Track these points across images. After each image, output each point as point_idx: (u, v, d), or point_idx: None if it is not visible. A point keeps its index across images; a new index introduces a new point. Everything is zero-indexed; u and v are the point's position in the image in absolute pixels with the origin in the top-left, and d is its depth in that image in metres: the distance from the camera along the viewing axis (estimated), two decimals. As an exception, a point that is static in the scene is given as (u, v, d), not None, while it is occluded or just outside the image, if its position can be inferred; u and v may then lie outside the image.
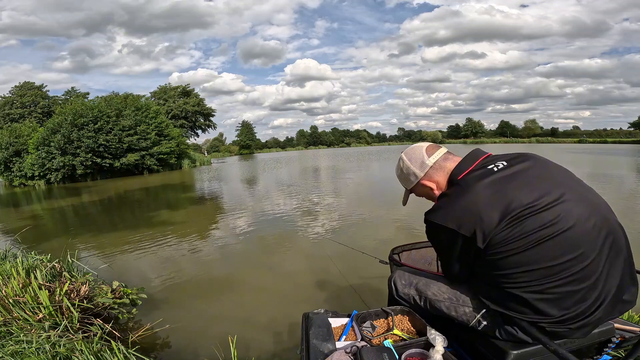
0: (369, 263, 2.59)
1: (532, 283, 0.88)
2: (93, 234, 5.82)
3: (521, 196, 0.88)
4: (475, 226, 0.90)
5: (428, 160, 1.09)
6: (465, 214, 0.92)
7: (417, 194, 1.18)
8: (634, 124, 57.62)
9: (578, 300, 0.88)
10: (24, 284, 2.25)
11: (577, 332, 0.92)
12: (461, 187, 0.97)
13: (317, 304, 2.15)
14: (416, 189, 1.16)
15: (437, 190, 1.08)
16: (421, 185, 1.11)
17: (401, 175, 1.17)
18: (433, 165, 1.08)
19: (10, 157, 20.10)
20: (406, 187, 1.18)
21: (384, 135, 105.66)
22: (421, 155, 1.11)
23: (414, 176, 1.12)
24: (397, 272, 1.28)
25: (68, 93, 40.04)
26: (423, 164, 1.09)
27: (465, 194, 0.95)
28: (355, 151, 47.64)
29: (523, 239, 0.86)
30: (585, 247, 0.86)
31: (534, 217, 0.85)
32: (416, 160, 1.11)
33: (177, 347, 2.24)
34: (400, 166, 1.17)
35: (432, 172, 1.08)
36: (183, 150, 26.44)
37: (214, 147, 69.92)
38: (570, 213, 0.86)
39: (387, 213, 5.93)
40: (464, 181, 0.98)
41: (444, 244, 1.01)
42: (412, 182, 1.13)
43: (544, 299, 0.89)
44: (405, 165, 1.14)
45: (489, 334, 1.01)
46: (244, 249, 4.39)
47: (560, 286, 0.87)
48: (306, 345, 1.08)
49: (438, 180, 1.08)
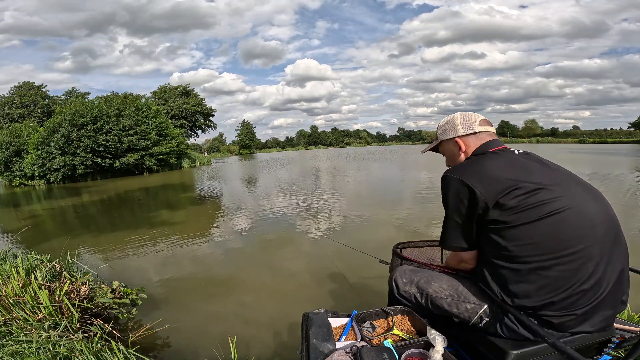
0: (369, 263, 2.59)
1: (536, 258, 0.92)
2: (93, 234, 5.82)
3: (535, 175, 0.97)
4: (490, 185, 0.96)
5: (476, 127, 1.17)
6: (482, 175, 0.99)
7: (443, 149, 1.27)
8: (634, 124, 57.66)
9: (580, 281, 0.90)
10: (24, 284, 2.25)
11: (582, 321, 0.92)
12: (486, 156, 1.09)
13: (317, 304, 2.15)
14: (446, 144, 1.24)
15: (463, 153, 1.18)
16: (453, 143, 1.20)
17: (444, 126, 1.24)
18: (476, 132, 1.17)
19: (10, 157, 20.09)
20: (440, 137, 1.25)
21: (384, 135, 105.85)
22: (473, 121, 1.19)
23: (454, 131, 1.19)
24: (398, 270, 1.29)
25: (68, 93, 40.02)
26: (470, 127, 1.18)
27: (488, 160, 1.05)
28: (355, 151, 47.64)
29: (533, 209, 0.91)
30: (590, 231, 0.91)
31: (545, 192, 0.93)
32: (466, 122, 1.19)
33: (177, 347, 2.24)
34: (449, 119, 1.24)
35: (471, 138, 1.17)
36: (183, 150, 26.43)
37: (214, 147, 69.94)
38: (579, 200, 0.94)
39: (387, 213, 5.93)
40: (490, 153, 1.10)
41: (454, 202, 1.03)
42: (448, 135, 1.21)
43: (547, 276, 0.91)
44: (454, 120, 1.21)
45: (490, 332, 1.02)
46: (244, 249, 4.39)
47: (562, 264, 0.90)
48: (306, 345, 1.08)
49: (470, 145, 1.17)
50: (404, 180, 11.54)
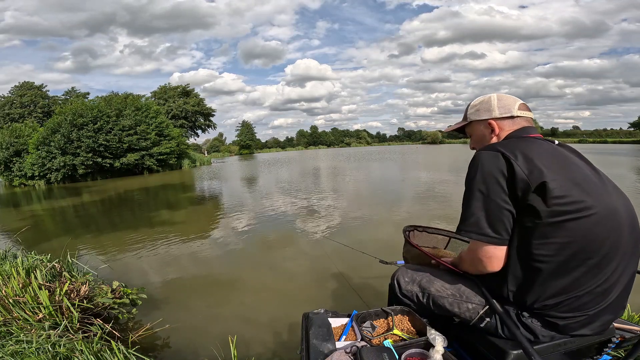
0: (369, 263, 2.59)
1: (561, 258, 0.87)
2: (93, 234, 5.82)
3: (576, 171, 0.91)
4: (534, 165, 0.86)
5: (515, 111, 1.07)
6: (525, 154, 0.89)
7: (471, 130, 1.18)
8: (634, 124, 57.70)
9: (596, 284, 0.88)
10: (24, 284, 2.25)
11: (585, 325, 0.92)
12: (525, 139, 0.99)
13: (317, 304, 2.15)
14: (476, 125, 1.14)
15: (495, 137, 1.09)
16: (485, 124, 1.11)
17: (477, 106, 1.14)
18: (514, 117, 1.07)
19: (11, 157, 20.09)
20: (471, 117, 1.15)
21: (384, 135, 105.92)
22: (512, 103, 1.09)
23: (488, 112, 1.10)
24: (400, 270, 1.28)
25: (68, 93, 40.03)
26: (507, 110, 1.08)
27: (529, 143, 0.95)
28: (355, 151, 47.63)
29: (570, 206, 0.84)
30: (617, 236, 0.88)
31: (586, 190, 0.87)
32: (504, 104, 1.09)
33: (177, 347, 2.24)
34: (483, 99, 1.13)
35: (507, 121, 1.08)
36: (183, 150, 26.42)
37: (214, 147, 69.92)
38: (613, 203, 0.89)
39: (387, 213, 5.92)
40: (530, 138, 1.00)
41: (489, 178, 0.90)
42: (481, 116, 1.12)
43: (567, 278, 0.88)
44: (489, 100, 1.11)
45: (491, 332, 1.01)
46: (244, 249, 4.39)
47: (585, 267, 0.87)
48: (306, 345, 1.08)
49: (504, 129, 1.08)
50: (404, 179, 11.55)
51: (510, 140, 1.02)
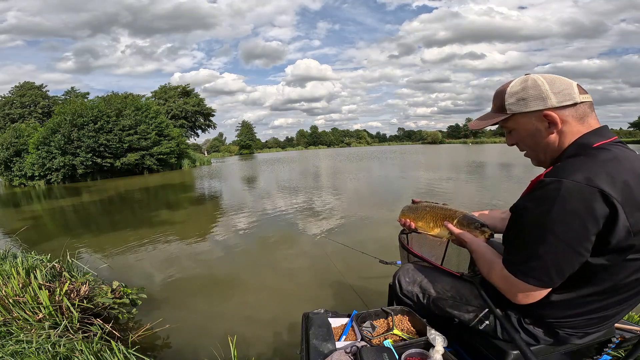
0: (369, 263, 2.59)
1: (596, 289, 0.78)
2: (93, 234, 5.81)
3: None
4: (637, 208, 0.67)
5: (577, 96, 0.80)
6: (629, 194, 0.67)
7: (515, 125, 0.88)
8: (634, 124, 57.68)
9: (614, 311, 0.85)
10: (24, 284, 2.25)
11: (584, 336, 0.91)
12: (609, 153, 0.74)
13: (317, 304, 2.15)
14: (524, 120, 0.85)
15: (557, 134, 0.81)
16: (539, 117, 0.82)
17: (520, 92, 0.84)
18: (577, 105, 0.80)
19: (11, 157, 20.09)
20: (513, 109, 0.85)
21: (384, 135, 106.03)
22: (569, 86, 0.81)
23: (541, 101, 0.81)
24: (402, 270, 1.27)
25: (68, 93, 40.04)
26: (568, 95, 0.80)
27: (619, 163, 0.71)
28: (355, 151, 47.61)
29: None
30: None
31: None
32: (559, 88, 0.80)
33: (177, 346, 2.23)
34: (526, 83, 0.83)
35: (568, 110, 0.80)
36: (183, 150, 26.43)
37: (214, 147, 69.97)
38: None
39: (387, 213, 5.92)
40: (615, 149, 0.76)
41: (572, 219, 0.69)
42: (531, 106, 0.82)
43: (592, 305, 0.82)
44: (537, 85, 0.81)
45: (490, 334, 1.01)
46: (244, 249, 4.39)
47: (615, 298, 0.81)
48: (306, 345, 1.08)
49: (569, 122, 0.80)
50: (405, 177, 11.56)
51: (597, 158, 0.74)
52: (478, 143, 67.31)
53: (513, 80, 0.87)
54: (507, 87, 0.87)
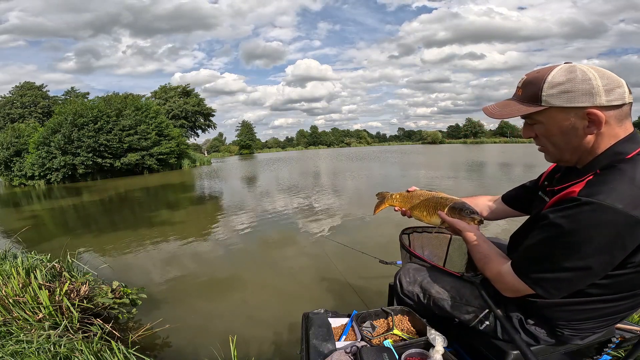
0: (369, 263, 2.59)
1: (606, 296, 0.78)
2: (93, 234, 5.82)
3: None
4: None
5: (627, 96, 0.71)
6: None
7: (546, 119, 0.77)
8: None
9: (620, 315, 0.85)
10: (24, 284, 2.25)
11: (584, 338, 0.92)
12: None
13: (317, 304, 2.14)
14: (560, 114, 0.74)
15: (594, 135, 0.73)
16: (581, 115, 0.72)
17: (563, 83, 0.72)
18: (624, 104, 0.71)
19: (11, 157, 20.10)
20: (553, 102, 0.73)
21: (384, 135, 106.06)
22: (621, 85, 0.71)
23: (589, 97, 0.70)
24: (403, 269, 1.27)
25: (68, 93, 40.05)
26: (619, 95, 0.70)
27: None
28: (356, 151, 47.62)
29: None
30: None
31: None
32: (612, 85, 0.70)
33: (177, 346, 2.23)
34: (574, 74, 0.71)
35: (614, 113, 0.71)
36: (183, 150, 26.43)
37: (214, 147, 70.00)
38: None
39: (387, 213, 5.90)
40: None
41: (601, 245, 0.67)
42: (576, 101, 0.71)
43: (596, 310, 0.82)
44: (587, 78, 0.70)
45: (490, 335, 1.01)
46: (244, 249, 4.39)
47: (622, 304, 0.81)
48: (306, 345, 1.08)
49: (611, 124, 0.72)
50: (405, 176, 11.56)
51: (635, 177, 0.68)
52: (478, 143, 67.33)
53: (553, 68, 0.75)
54: (546, 74, 0.74)
